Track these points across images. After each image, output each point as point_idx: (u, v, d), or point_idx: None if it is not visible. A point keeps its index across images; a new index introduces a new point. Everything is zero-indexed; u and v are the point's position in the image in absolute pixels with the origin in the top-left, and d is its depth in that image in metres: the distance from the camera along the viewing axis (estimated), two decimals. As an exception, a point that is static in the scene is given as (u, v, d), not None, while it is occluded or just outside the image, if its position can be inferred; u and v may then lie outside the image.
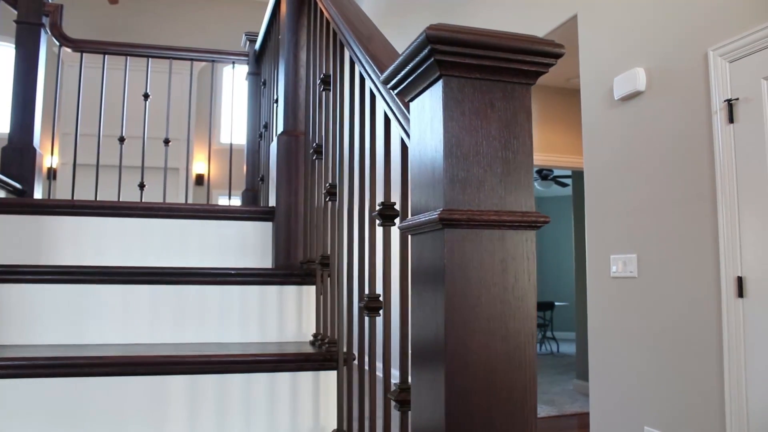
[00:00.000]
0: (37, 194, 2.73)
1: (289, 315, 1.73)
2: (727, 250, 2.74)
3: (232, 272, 1.69)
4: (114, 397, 1.33)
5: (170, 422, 1.36)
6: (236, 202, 5.03)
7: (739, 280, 2.69)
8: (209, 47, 4.19)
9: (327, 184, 1.54)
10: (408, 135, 0.94)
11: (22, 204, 1.78)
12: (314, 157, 1.73)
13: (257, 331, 1.70)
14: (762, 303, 2.59)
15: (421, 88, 0.76)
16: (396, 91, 0.82)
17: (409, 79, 0.76)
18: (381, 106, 1.11)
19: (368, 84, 1.22)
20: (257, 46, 3.30)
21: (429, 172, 0.73)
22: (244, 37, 3.45)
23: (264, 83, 3.09)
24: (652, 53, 3.28)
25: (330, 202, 1.55)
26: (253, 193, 3.33)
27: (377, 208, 1.10)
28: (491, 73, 0.72)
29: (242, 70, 3.53)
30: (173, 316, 1.63)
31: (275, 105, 2.41)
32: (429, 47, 0.68)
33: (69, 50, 3.18)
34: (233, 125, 3.60)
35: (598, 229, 3.66)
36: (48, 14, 3.09)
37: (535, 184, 7.39)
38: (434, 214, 0.68)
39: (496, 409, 0.69)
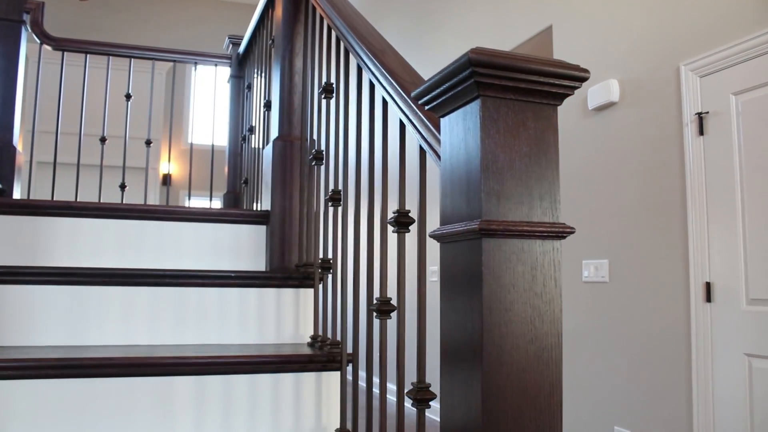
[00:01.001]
0: (16, 194, 2.70)
1: (286, 317, 1.77)
2: (696, 256, 2.87)
3: (232, 275, 1.71)
4: (122, 397, 1.35)
5: (177, 422, 1.38)
6: (212, 204, 5.00)
7: (708, 285, 2.82)
8: (174, 47, 4.13)
9: (330, 190, 1.58)
10: (429, 145, 0.99)
11: (21, 205, 1.77)
12: (313, 163, 1.77)
13: (255, 332, 1.73)
14: (728, 307, 2.72)
15: (456, 106, 0.81)
16: (428, 107, 0.87)
17: (445, 97, 0.81)
18: (394, 114, 1.16)
19: (379, 91, 1.26)
20: (241, 49, 3.31)
21: (463, 183, 0.79)
22: (227, 40, 3.45)
23: (249, 87, 3.11)
24: (625, 65, 3.41)
25: (333, 207, 1.59)
26: (234, 195, 3.33)
27: (392, 215, 1.14)
28: (524, 95, 0.77)
29: (211, 70, 3.54)
30: (173, 318, 1.64)
31: (265, 110, 2.43)
32: (470, 69, 0.73)
33: (49, 48, 3.14)
34: (212, 126, 3.59)
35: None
36: (29, 11, 3.05)
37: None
38: (473, 224, 0.74)
39: (526, 405, 0.75)
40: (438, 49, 5.46)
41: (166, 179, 8.77)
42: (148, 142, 3.35)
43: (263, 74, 2.70)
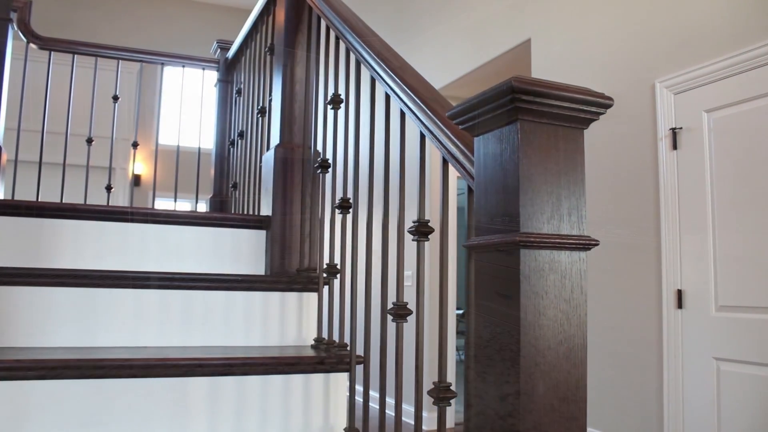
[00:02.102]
0: (0, 194, 2.68)
1: (290, 320, 1.82)
2: (668, 265, 3.01)
3: (239, 278, 1.76)
4: (138, 397, 1.38)
5: (192, 421, 1.42)
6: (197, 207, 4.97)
7: (679, 292, 2.97)
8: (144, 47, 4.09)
9: (339, 198, 1.65)
10: (455, 158, 1.06)
11: (26, 206, 1.78)
12: (318, 171, 1.83)
13: (260, 335, 1.77)
14: (699, 314, 2.87)
15: (494, 127, 0.88)
16: (463, 126, 0.94)
17: (483, 119, 0.89)
18: (411, 125, 1.23)
19: (396, 104, 1.33)
20: (230, 54, 3.34)
21: (500, 198, 0.86)
22: (215, 45, 3.48)
23: (239, 92, 3.14)
24: (602, 80, 3.55)
25: (342, 214, 1.65)
26: (221, 199, 3.36)
27: (411, 224, 1.21)
28: (557, 119, 0.85)
29: (195, 73, 3.55)
30: (180, 320, 1.68)
31: (259, 116, 2.47)
32: (511, 96, 0.80)
33: (35, 47, 3.12)
34: (199, 128, 3.60)
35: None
36: (16, 10, 3.03)
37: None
38: (512, 236, 0.81)
39: (557, 401, 0.82)
40: (415, 58, 5.54)
41: (137, 180, 8.68)
42: (135, 144, 3.35)
43: (255, 80, 2.74)
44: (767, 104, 2.64)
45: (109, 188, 3.17)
